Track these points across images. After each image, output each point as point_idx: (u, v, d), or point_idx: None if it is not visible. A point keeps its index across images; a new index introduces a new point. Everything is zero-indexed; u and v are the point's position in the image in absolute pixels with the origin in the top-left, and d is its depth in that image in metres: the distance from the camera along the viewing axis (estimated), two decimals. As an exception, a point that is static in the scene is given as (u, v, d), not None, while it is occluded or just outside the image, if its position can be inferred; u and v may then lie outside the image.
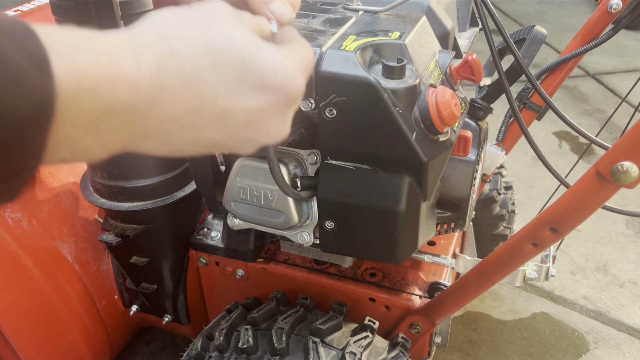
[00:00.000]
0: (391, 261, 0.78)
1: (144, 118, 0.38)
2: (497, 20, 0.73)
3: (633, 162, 0.60)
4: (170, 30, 0.40)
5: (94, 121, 0.35)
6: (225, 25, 0.42)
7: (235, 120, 0.42)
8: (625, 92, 1.10)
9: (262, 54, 0.42)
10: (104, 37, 0.37)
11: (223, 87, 0.40)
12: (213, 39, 0.40)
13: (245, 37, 0.42)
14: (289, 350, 0.82)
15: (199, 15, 0.42)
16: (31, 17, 1.32)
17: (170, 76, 0.38)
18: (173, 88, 0.38)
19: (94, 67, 0.34)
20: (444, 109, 0.64)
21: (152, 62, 0.37)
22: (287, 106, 0.44)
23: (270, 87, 0.42)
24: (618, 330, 1.61)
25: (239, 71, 0.41)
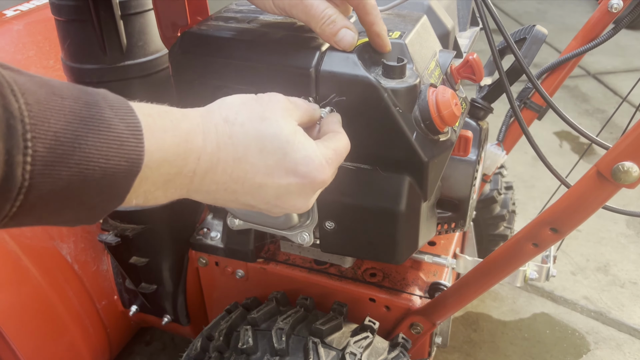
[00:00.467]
0: (391, 261, 0.77)
1: (200, 180, 0.50)
2: (497, 19, 0.73)
3: (634, 162, 0.60)
4: (234, 118, 0.52)
5: (166, 181, 0.46)
6: (277, 120, 0.53)
7: (268, 193, 0.54)
8: (626, 91, 1.10)
9: (300, 148, 0.53)
10: (185, 117, 0.49)
11: (263, 167, 0.52)
12: (264, 130, 0.52)
13: (290, 132, 0.53)
14: (288, 350, 0.81)
15: (258, 108, 0.54)
16: (31, 17, 1.32)
17: (225, 153, 0.50)
18: (225, 162, 0.50)
19: (176, 145, 0.46)
20: (445, 108, 0.64)
21: (214, 142, 0.50)
22: (312, 190, 0.56)
23: (300, 174, 0.54)
24: (619, 331, 1.61)
25: (278, 158, 0.53)
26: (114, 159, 0.40)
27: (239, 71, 0.69)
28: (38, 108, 0.36)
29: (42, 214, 0.39)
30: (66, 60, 0.91)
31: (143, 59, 0.90)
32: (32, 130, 0.36)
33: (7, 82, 0.36)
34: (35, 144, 0.36)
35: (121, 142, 0.40)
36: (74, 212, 0.41)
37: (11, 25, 1.27)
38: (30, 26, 1.29)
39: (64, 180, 0.38)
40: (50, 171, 0.37)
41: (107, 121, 0.40)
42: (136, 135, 0.42)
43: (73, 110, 0.38)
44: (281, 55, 0.67)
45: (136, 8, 0.88)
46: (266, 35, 0.70)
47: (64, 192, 0.38)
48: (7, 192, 0.35)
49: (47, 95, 0.38)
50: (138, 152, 0.42)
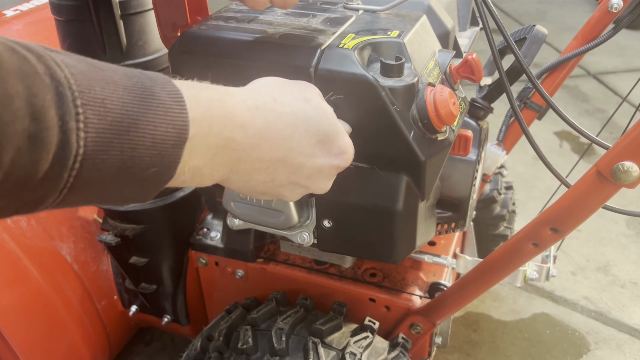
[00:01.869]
0: (389, 261, 0.77)
1: (247, 157, 0.50)
2: (497, 19, 0.73)
3: (634, 162, 0.59)
4: (281, 98, 0.53)
5: (213, 155, 0.47)
6: (319, 103, 0.56)
7: (303, 173, 0.56)
8: (626, 91, 1.09)
9: (338, 131, 0.57)
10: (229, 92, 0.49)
11: (307, 147, 0.54)
12: (310, 112, 0.55)
13: (331, 115, 0.57)
14: (288, 350, 0.81)
15: (299, 90, 0.56)
16: (31, 17, 1.32)
17: (274, 131, 0.51)
18: (274, 140, 0.51)
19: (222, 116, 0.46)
20: (442, 107, 0.64)
21: (263, 118, 0.50)
22: (337, 171, 0.60)
23: (334, 155, 0.57)
24: (619, 331, 1.61)
25: (321, 140, 0.55)
26: (161, 125, 0.40)
27: (239, 71, 0.69)
28: (82, 78, 0.36)
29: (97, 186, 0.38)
30: (66, 60, 0.91)
31: (143, 59, 0.90)
32: (81, 97, 0.36)
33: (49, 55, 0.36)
34: (85, 111, 0.36)
35: (165, 110, 0.41)
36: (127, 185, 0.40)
37: (11, 25, 1.27)
38: (30, 26, 1.29)
39: (116, 149, 0.38)
40: (102, 139, 0.37)
41: (149, 89, 0.40)
42: (179, 102, 0.42)
43: (115, 80, 0.39)
44: (281, 54, 0.67)
45: (136, 8, 0.88)
46: (266, 35, 0.70)
47: (117, 161, 0.38)
48: (64, 160, 0.35)
49: (87, 67, 0.38)
50: (183, 118, 0.42)
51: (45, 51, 0.36)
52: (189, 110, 0.42)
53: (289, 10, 0.79)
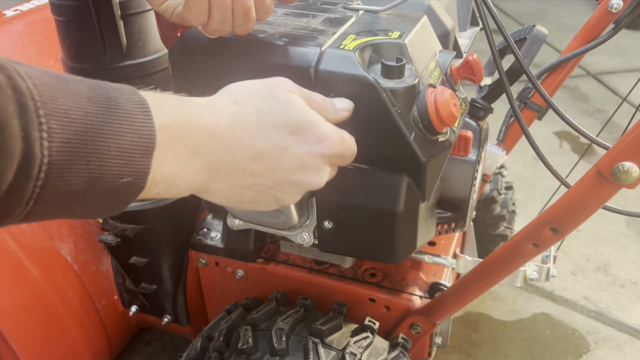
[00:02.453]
0: (389, 261, 0.77)
1: (218, 162, 0.50)
2: (497, 19, 0.73)
3: (634, 162, 0.59)
4: (242, 99, 0.53)
5: (185, 162, 0.47)
6: (285, 96, 0.55)
7: (284, 168, 0.54)
8: (626, 92, 1.09)
9: (311, 119, 0.55)
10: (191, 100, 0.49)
11: (278, 140, 0.53)
12: (273, 106, 0.54)
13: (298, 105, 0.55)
14: (288, 350, 0.81)
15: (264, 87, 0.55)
16: (31, 17, 1.32)
17: (240, 130, 0.51)
18: (242, 140, 0.51)
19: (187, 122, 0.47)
20: (443, 109, 0.64)
21: (227, 120, 0.50)
22: (323, 158, 0.57)
23: (312, 142, 0.55)
24: (619, 331, 1.61)
25: (291, 130, 0.54)
26: (127, 134, 0.40)
27: (239, 71, 0.69)
28: (45, 89, 0.37)
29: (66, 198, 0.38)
30: (66, 60, 0.91)
31: (143, 59, 0.90)
32: (44, 107, 0.36)
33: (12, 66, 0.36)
34: (49, 121, 0.36)
35: (131, 119, 0.41)
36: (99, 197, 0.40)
37: (11, 25, 1.27)
38: (30, 26, 1.29)
39: (82, 159, 0.38)
40: (67, 148, 0.37)
41: (114, 100, 0.40)
42: (145, 112, 0.42)
43: (79, 91, 0.39)
44: (281, 55, 0.67)
45: (136, 8, 0.88)
46: (266, 35, 0.70)
47: (84, 171, 0.38)
48: (28, 170, 0.35)
49: (51, 79, 0.38)
50: (149, 126, 0.42)
51: (8, 62, 0.36)
52: (154, 118, 0.43)
53: (289, 10, 0.79)
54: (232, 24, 0.63)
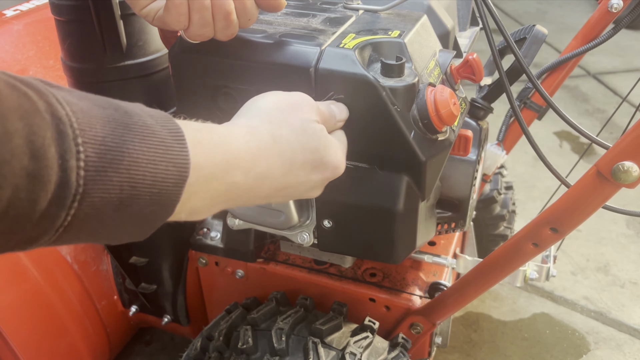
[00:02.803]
0: (389, 261, 0.77)
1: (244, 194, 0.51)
2: (497, 19, 0.73)
3: (634, 162, 0.60)
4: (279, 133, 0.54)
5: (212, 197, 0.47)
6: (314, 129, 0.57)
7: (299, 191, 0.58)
8: (626, 91, 1.09)
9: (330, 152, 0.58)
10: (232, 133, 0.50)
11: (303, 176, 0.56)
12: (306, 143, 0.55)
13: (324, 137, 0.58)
14: (288, 350, 0.81)
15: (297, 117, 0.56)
16: (31, 17, 1.32)
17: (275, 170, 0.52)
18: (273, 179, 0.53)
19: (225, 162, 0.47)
20: (443, 108, 0.64)
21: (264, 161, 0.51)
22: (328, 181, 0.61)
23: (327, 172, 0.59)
24: (619, 331, 1.61)
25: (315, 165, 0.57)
26: (161, 164, 0.40)
27: (239, 71, 0.69)
28: (83, 115, 0.36)
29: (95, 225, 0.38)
30: (66, 60, 0.91)
31: (143, 59, 0.90)
32: (82, 135, 0.35)
33: (51, 92, 0.36)
34: (86, 149, 0.35)
35: (166, 148, 0.40)
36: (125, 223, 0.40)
37: (11, 25, 1.27)
38: (30, 26, 1.29)
39: (116, 187, 0.37)
40: (102, 177, 0.36)
41: (150, 127, 0.40)
42: (179, 141, 0.42)
43: (116, 118, 0.38)
44: (281, 54, 0.67)
45: (136, 8, 0.88)
46: (266, 35, 0.70)
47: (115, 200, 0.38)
48: (62, 199, 0.35)
49: (88, 105, 0.38)
50: (184, 157, 0.42)
51: (46, 88, 0.36)
52: (191, 154, 0.42)
53: (289, 10, 0.79)
54: (214, 29, 0.63)
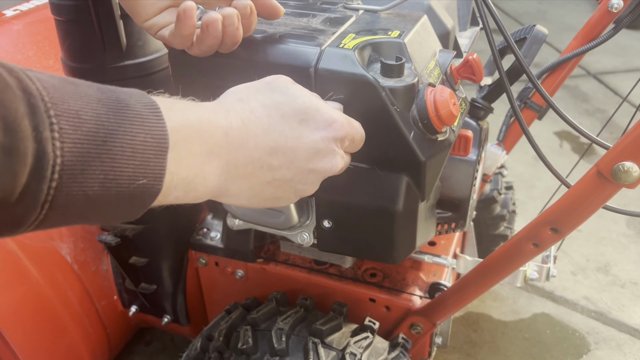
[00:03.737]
0: (389, 261, 0.77)
1: (235, 160, 0.50)
2: (497, 19, 0.73)
3: (634, 162, 0.59)
4: (247, 97, 0.54)
5: (201, 164, 0.47)
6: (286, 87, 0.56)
7: (301, 157, 0.55)
8: (626, 91, 1.09)
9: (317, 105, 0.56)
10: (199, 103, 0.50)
11: (289, 130, 0.54)
12: (278, 98, 0.55)
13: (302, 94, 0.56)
14: (288, 350, 0.81)
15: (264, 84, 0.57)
16: (31, 17, 1.32)
17: (253, 126, 0.52)
18: (255, 136, 0.51)
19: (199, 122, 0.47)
20: (442, 108, 0.64)
21: (238, 118, 0.51)
22: (336, 142, 0.57)
23: (322, 127, 0.56)
24: (619, 331, 1.61)
25: (300, 118, 0.55)
26: (139, 135, 0.40)
27: (239, 71, 0.69)
28: (54, 90, 0.36)
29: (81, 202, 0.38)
30: (66, 60, 0.91)
31: (143, 59, 0.90)
32: (54, 108, 0.36)
33: (21, 70, 0.36)
34: (60, 121, 0.35)
35: (142, 120, 0.41)
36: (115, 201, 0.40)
37: (11, 25, 1.27)
38: (30, 26, 1.29)
39: (95, 160, 0.37)
40: (79, 149, 0.36)
41: (125, 101, 0.40)
42: (155, 113, 0.42)
43: (89, 94, 0.39)
44: (281, 54, 0.67)
45: (136, 8, 0.88)
46: (266, 35, 0.70)
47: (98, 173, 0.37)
48: (41, 171, 0.35)
49: (60, 82, 0.38)
50: (161, 127, 0.42)
51: (16, 67, 0.36)
52: (166, 119, 0.43)
53: (289, 10, 0.79)
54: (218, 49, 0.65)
